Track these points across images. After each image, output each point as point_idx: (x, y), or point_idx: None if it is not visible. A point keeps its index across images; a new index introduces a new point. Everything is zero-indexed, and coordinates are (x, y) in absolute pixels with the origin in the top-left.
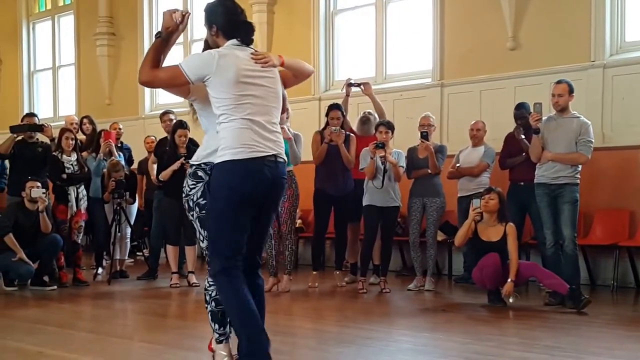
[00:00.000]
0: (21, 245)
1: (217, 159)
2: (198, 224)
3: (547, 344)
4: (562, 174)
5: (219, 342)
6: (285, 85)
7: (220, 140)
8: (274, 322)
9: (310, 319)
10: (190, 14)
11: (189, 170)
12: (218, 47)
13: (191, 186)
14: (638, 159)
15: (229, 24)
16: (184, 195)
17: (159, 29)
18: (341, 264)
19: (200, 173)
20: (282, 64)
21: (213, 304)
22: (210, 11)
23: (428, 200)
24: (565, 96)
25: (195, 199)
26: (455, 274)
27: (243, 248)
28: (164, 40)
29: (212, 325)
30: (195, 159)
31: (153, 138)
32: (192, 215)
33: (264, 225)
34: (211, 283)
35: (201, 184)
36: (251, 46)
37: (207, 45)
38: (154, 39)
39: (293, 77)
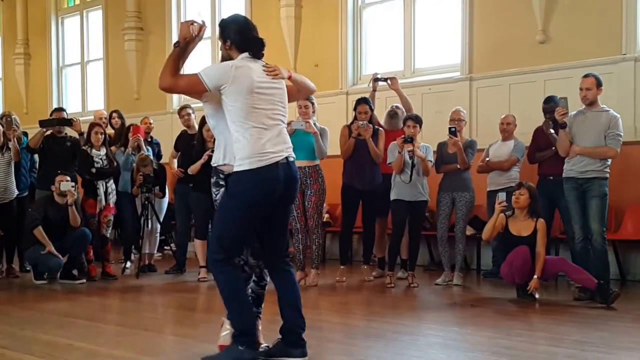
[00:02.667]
0: (50, 239)
1: (235, 168)
2: None
3: (576, 339)
4: (590, 168)
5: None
6: (289, 98)
7: (236, 148)
8: None
9: (337, 313)
10: (206, 27)
11: (212, 180)
12: (231, 59)
13: (215, 193)
14: None
15: (241, 39)
16: (214, 201)
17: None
18: (369, 259)
19: (221, 182)
20: (289, 77)
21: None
22: (224, 27)
23: (457, 194)
24: (593, 89)
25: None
26: (484, 268)
27: (246, 243)
28: (182, 49)
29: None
30: (214, 162)
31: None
32: None
33: (283, 219)
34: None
35: (222, 189)
36: (262, 60)
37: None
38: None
39: (297, 91)
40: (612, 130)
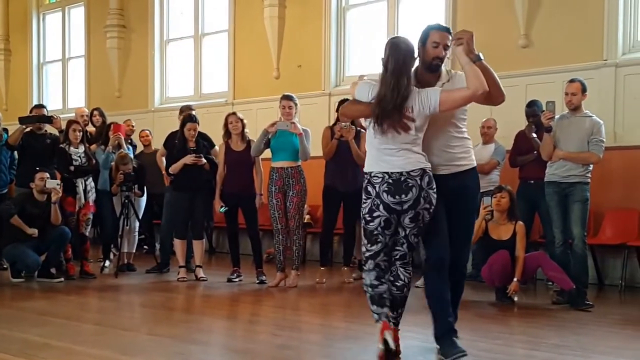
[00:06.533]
0: (29, 238)
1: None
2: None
3: (554, 343)
4: (573, 173)
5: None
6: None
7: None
8: (281, 317)
9: (317, 314)
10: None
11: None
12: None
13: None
14: None
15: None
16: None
17: (170, 23)
18: (349, 260)
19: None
20: None
21: (370, 289)
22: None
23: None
24: (578, 95)
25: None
26: None
27: None
28: None
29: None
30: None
31: (147, 132)
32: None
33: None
34: (365, 277)
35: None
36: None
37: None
38: (164, 32)
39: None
40: (595, 136)
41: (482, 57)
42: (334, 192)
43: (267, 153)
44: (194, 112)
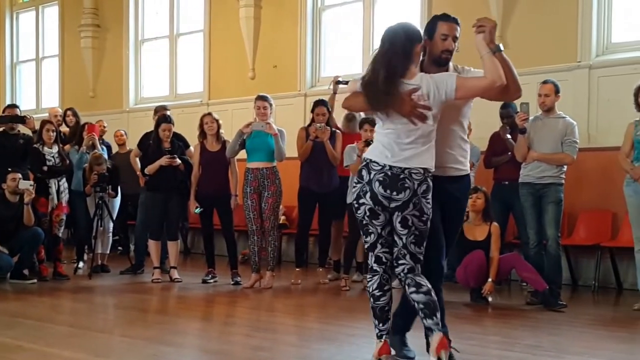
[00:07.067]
0: (1, 238)
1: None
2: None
3: (528, 343)
4: (547, 174)
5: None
6: None
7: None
8: (256, 319)
9: (292, 315)
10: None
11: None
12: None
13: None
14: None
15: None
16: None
17: (144, 22)
18: (324, 261)
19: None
20: None
21: (372, 299)
22: None
23: None
24: (551, 96)
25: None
26: None
27: None
28: None
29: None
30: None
31: (122, 132)
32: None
33: None
34: (369, 280)
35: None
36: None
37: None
38: (139, 32)
39: None
40: (569, 137)
41: (502, 48)
42: (310, 193)
43: (243, 154)
44: (168, 113)
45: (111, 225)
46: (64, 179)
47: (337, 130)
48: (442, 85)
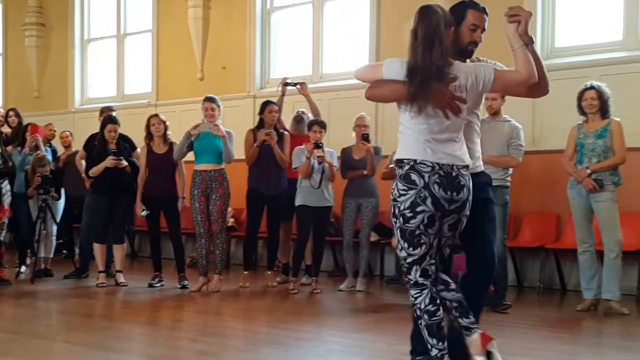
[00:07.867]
0: None
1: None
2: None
3: None
4: (493, 177)
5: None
6: None
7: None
8: (203, 322)
9: (240, 319)
10: None
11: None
12: None
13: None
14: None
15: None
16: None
17: (90, 21)
18: (273, 264)
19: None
20: None
21: (425, 316)
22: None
23: (363, 200)
24: (498, 100)
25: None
26: (387, 275)
27: None
28: None
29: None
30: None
31: (68, 133)
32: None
33: None
34: (416, 296)
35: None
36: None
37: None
38: (85, 31)
39: None
40: (514, 140)
41: (534, 41)
42: (258, 196)
43: (190, 156)
44: (114, 113)
45: (55, 228)
46: (6, 181)
47: (285, 132)
48: (481, 76)
